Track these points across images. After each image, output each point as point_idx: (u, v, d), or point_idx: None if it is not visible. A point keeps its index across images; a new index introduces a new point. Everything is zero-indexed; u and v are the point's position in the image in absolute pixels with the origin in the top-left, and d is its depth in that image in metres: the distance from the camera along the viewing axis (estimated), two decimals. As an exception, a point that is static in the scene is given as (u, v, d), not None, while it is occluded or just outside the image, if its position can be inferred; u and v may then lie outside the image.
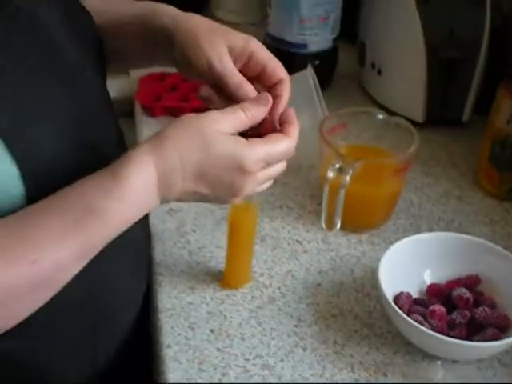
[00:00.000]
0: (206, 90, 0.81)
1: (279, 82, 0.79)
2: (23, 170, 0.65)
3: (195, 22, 0.81)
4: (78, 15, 0.82)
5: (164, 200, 0.71)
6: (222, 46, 0.78)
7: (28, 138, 0.66)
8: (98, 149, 0.76)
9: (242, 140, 0.72)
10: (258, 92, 0.79)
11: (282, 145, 0.75)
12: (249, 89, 0.77)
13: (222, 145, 0.70)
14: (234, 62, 0.79)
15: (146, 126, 1.23)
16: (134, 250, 0.86)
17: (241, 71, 0.79)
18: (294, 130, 0.78)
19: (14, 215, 0.65)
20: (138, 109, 1.27)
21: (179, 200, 0.73)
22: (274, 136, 0.75)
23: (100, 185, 0.67)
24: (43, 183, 0.67)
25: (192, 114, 0.72)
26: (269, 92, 0.78)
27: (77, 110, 0.74)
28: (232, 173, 0.71)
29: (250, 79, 0.79)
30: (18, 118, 0.65)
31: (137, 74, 1.31)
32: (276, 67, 0.80)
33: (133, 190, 0.67)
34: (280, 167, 0.77)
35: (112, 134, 0.83)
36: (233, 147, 0.71)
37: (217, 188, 0.72)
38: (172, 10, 0.84)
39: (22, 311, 0.66)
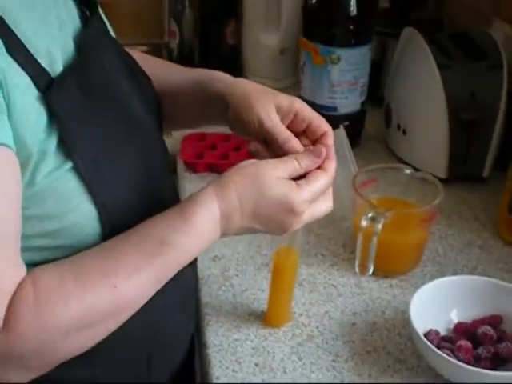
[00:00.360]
0: (255, 145, 0.90)
1: (324, 135, 0.89)
2: (101, 211, 0.75)
3: (246, 86, 0.92)
4: (139, 73, 0.93)
5: (224, 234, 0.81)
6: (270, 105, 0.88)
7: (106, 182, 0.76)
8: (160, 194, 0.86)
9: (293, 184, 0.82)
10: (304, 146, 0.88)
11: (322, 181, 0.84)
12: (296, 143, 0.87)
13: (275, 188, 0.80)
14: (282, 120, 0.88)
15: (188, 181, 1.33)
16: (185, 289, 0.94)
17: (288, 128, 0.88)
18: (332, 164, 0.87)
19: (92, 248, 0.74)
20: (180, 166, 1.37)
21: (236, 234, 0.83)
22: (315, 174, 0.84)
23: (171, 222, 0.77)
24: (117, 224, 0.77)
25: (251, 161, 0.82)
26: (314, 144, 0.88)
27: (144, 159, 0.83)
28: (283, 213, 0.81)
29: (297, 135, 0.88)
30: (99, 163, 0.75)
31: (179, 134, 1.42)
32: (320, 122, 0.89)
33: (199, 227, 0.77)
34: (325, 207, 0.86)
35: (169, 183, 0.93)
36: (285, 190, 0.80)
37: (269, 225, 0.82)
38: (224, 76, 0.96)
39: (102, 333, 0.75)
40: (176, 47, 1.71)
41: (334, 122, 0.95)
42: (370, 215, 1.01)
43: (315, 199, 0.84)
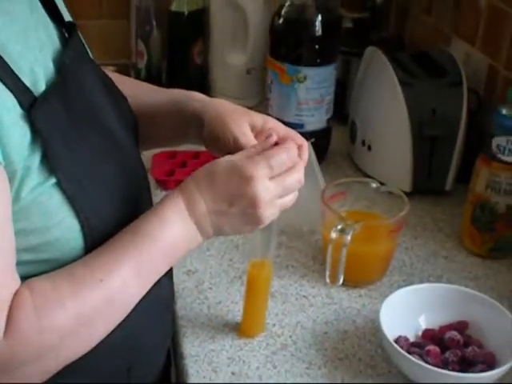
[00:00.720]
0: None
1: (299, 147, 0.91)
2: (84, 225, 0.77)
3: (221, 105, 0.96)
4: (116, 92, 0.96)
5: (200, 227, 0.84)
6: (244, 123, 0.92)
7: (89, 197, 0.78)
8: (140, 209, 0.88)
9: (243, 154, 0.86)
10: None
11: (280, 150, 0.86)
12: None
13: (224, 161, 0.84)
14: (256, 137, 0.92)
15: (160, 198, 1.34)
16: (163, 301, 0.96)
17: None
18: (292, 143, 0.89)
19: (79, 260, 0.77)
20: (151, 183, 1.39)
21: (219, 229, 0.85)
22: (272, 148, 0.87)
23: (144, 217, 0.82)
24: (99, 238, 0.79)
25: None
26: None
27: (123, 175, 0.86)
28: (238, 181, 0.82)
29: None
30: (81, 179, 0.78)
31: (149, 152, 1.44)
32: (295, 137, 0.93)
33: (168, 216, 0.82)
34: (291, 196, 0.88)
35: (147, 197, 0.96)
36: (233, 159, 0.84)
37: (234, 201, 0.83)
38: (201, 96, 1.00)
39: (97, 334, 0.78)
40: (144, 68, 1.74)
41: (301, 139, 0.99)
42: (339, 227, 1.05)
43: (274, 168, 0.84)
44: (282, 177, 0.85)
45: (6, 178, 0.71)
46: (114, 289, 0.78)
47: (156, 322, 0.94)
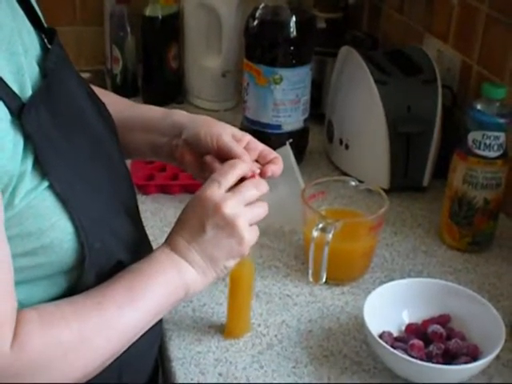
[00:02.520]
0: (211, 157, 0.95)
1: (273, 159, 0.97)
2: (77, 226, 0.78)
3: (207, 117, 1.00)
4: (96, 97, 0.96)
5: (187, 258, 0.88)
6: (227, 130, 0.96)
7: (80, 199, 0.79)
8: (129, 212, 0.91)
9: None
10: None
11: (230, 171, 0.90)
12: (248, 157, 0.93)
13: (186, 206, 0.90)
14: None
15: (141, 202, 1.32)
16: None
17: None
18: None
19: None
20: (131, 188, 1.40)
21: (210, 257, 0.89)
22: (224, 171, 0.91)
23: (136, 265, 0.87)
24: (92, 239, 0.80)
25: None
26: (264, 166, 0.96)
27: (110, 178, 0.88)
28: (199, 205, 0.88)
29: None
30: (73, 181, 0.79)
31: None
32: (270, 151, 0.97)
33: (157, 256, 0.89)
34: (252, 193, 0.91)
35: (135, 200, 0.98)
36: (195, 194, 0.90)
37: (204, 223, 0.87)
38: (184, 112, 1.03)
39: (99, 354, 0.80)
40: (119, 73, 1.74)
41: (278, 139, 1.01)
42: (320, 226, 1.06)
43: (225, 178, 0.89)
44: (236, 187, 0.90)
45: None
46: (111, 311, 0.81)
47: None
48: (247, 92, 1.43)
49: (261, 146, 0.97)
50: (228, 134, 0.95)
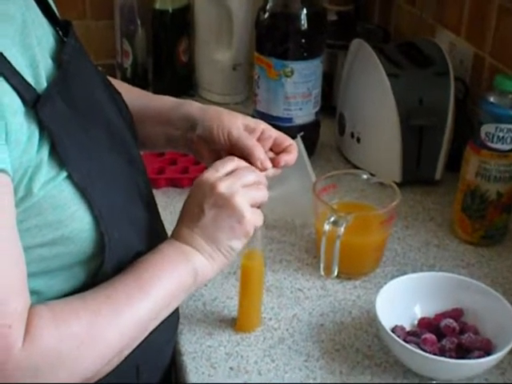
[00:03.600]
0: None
1: (288, 146, 0.97)
2: (96, 216, 0.78)
3: (218, 108, 1.00)
4: (112, 88, 0.96)
5: (191, 243, 0.88)
6: (238, 122, 0.96)
7: (99, 189, 0.79)
8: (146, 202, 0.92)
9: None
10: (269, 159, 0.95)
11: (227, 160, 0.91)
12: (260, 151, 0.93)
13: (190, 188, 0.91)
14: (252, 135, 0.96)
15: (151, 196, 1.35)
16: None
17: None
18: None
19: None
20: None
21: (213, 239, 0.88)
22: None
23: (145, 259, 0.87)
24: (110, 228, 0.80)
25: None
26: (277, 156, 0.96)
27: (128, 168, 0.88)
28: (196, 191, 0.89)
29: None
30: (91, 171, 0.79)
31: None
32: (286, 138, 0.97)
33: (160, 247, 0.88)
34: (249, 177, 0.90)
35: (151, 192, 0.98)
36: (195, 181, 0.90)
37: (203, 206, 0.87)
38: (196, 103, 1.03)
39: (111, 347, 0.80)
40: (129, 67, 1.74)
41: (289, 133, 1.01)
42: (332, 219, 1.05)
43: (219, 170, 0.89)
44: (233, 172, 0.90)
45: (11, 188, 0.71)
46: (121, 302, 0.80)
47: (163, 323, 0.94)
48: (258, 85, 1.42)
49: (275, 134, 0.97)
50: (239, 128, 0.95)
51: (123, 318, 0.80)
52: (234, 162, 0.91)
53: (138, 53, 1.72)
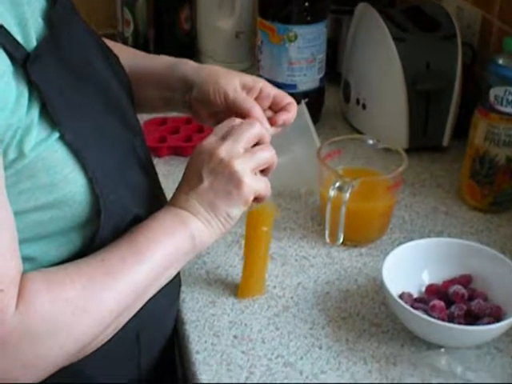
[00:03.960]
0: None
1: (287, 104, 0.94)
2: (90, 179, 0.76)
3: (213, 68, 0.97)
4: (108, 50, 0.94)
5: (187, 208, 0.85)
6: (236, 82, 0.93)
7: (93, 151, 0.77)
8: (143, 165, 0.89)
9: None
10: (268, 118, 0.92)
11: (227, 122, 0.88)
12: (258, 111, 0.90)
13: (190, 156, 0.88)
14: (247, 94, 0.93)
15: (153, 165, 1.33)
16: None
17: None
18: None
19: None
20: (143, 151, 1.37)
21: (212, 205, 0.85)
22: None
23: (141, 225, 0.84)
24: (105, 191, 0.78)
25: None
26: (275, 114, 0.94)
27: (124, 132, 0.86)
28: (195, 157, 0.86)
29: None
30: (84, 133, 0.76)
31: (140, 119, 1.41)
32: (284, 95, 0.94)
33: (157, 214, 0.85)
34: (249, 134, 0.86)
35: (149, 154, 0.95)
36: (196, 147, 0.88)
37: (202, 172, 0.84)
38: (191, 62, 1.00)
39: (105, 312, 0.77)
40: (130, 36, 1.71)
41: (293, 99, 0.98)
42: (337, 185, 1.03)
43: (219, 133, 0.87)
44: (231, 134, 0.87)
45: (1, 156, 0.69)
46: (116, 265, 0.78)
47: (164, 288, 0.92)
48: (261, 51, 1.39)
49: (274, 92, 0.95)
50: (235, 88, 0.92)
51: (119, 282, 0.77)
52: (233, 124, 0.88)
53: (139, 21, 1.69)
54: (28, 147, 0.71)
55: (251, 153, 0.86)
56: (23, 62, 0.71)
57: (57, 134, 0.73)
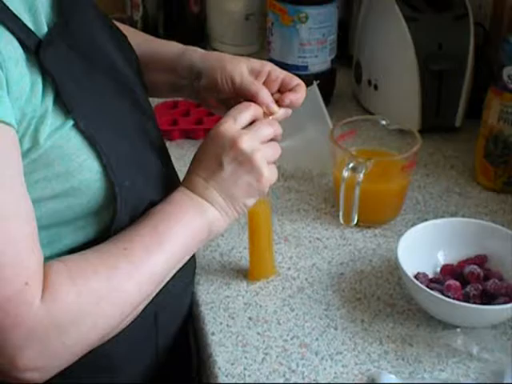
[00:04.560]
0: None
1: (296, 85, 0.93)
2: (105, 165, 0.76)
3: (220, 55, 0.97)
4: (118, 32, 0.94)
5: (206, 196, 0.85)
6: (243, 67, 0.93)
7: (107, 137, 0.77)
8: (157, 150, 0.89)
9: None
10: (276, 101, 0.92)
11: (239, 106, 0.88)
12: (266, 94, 0.90)
13: (206, 137, 0.88)
14: (256, 79, 0.92)
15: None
16: None
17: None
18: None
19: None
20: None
21: (229, 195, 0.85)
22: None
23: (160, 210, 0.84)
24: (120, 177, 0.78)
25: None
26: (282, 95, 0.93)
27: (136, 116, 0.86)
28: (212, 142, 0.86)
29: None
30: (98, 119, 0.76)
31: (151, 102, 1.41)
32: (293, 77, 0.93)
33: (175, 197, 0.85)
34: (267, 131, 0.87)
35: (162, 139, 0.95)
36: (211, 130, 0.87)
37: (221, 159, 0.84)
38: (199, 50, 1.00)
39: (129, 300, 0.78)
40: (139, 19, 1.70)
41: (305, 81, 0.97)
42: (351, 165, 1.02)
43: (238, 120, 0.86)
44: (251, 126, 0.88)
45: (17, 142, 0.69)
46: (139, 255, 0.78)
47: (180, 267, 0.92)
48: (272, 32, 1.39)
49: (283, 75, 0.94)
50: (242, 73, 0.92)
51: (141, 272, 0.78)
52: (250, 111, 0.88)
53: (148, 5, 1.68)
54: (43, 136, 0.71)
55: (269, 147, 0.87)
56: (35, 49, 0.70)
57: (71, 122, 0.73)
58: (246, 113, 0.87)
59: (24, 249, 0.69)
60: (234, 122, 0.86)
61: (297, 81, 0.94)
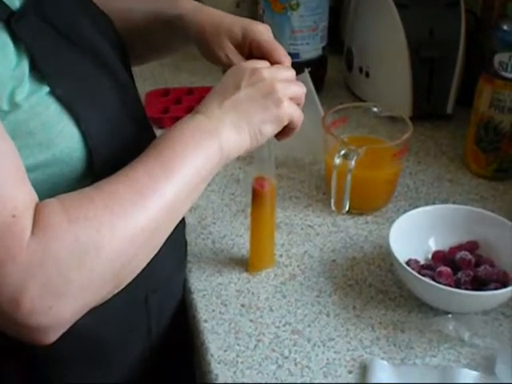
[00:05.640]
0: None
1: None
2: (85, 133, 0.75)
3: (204, 19, 0.94)
4: (99, 15, 0.93)
5: (215, 116, 0.81)
6: (225, 42, 0.91)
7: (85, 106, 0.76)
8: (138, 121, 0.88)
9: None
10: None
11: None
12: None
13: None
14: (238, 49, 0.91)
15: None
16: (174, 231, 0.93)
17: (250, 53, 0.90)
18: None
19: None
20: (146, 123, 1.37)
21: (246, 115, 0.82)
22: None
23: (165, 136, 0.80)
24: (100, 146, 0.77)
25: None
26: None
27: (117, 88, 0.85)
28: (234, 72, 0.85)
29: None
30: (75, 89, 0.76)
31: (141, 91, 1.41)
32: (278, 49, 0.90)
33: (189, 125, 0.80)
34: (288, 73, 0.87)
35: (143, 111, 0.95)
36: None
37: (239, 82, 0.82)
38: (185, 4, 0.98)
39: (141, 219, 0.72)
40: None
41: (296, 68, 0.97)
42: (342, 152, 1.02)
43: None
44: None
45: None
46: (142, 181, 0.73)
47: (169, 248, 0.88)
48: (263, 20, 1.38)
49: (266, 48, 0.89)
50: (226, 52, 0.91)
51: (146, 198, 0.72)
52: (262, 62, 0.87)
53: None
54: (20, 97, 0.70)
55: (292, 82, 0.86)
56: (7, 19, 0.71)
57: (47, 88, 0.73)
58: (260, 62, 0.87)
59: (8, 182, 0.66)
60: (256, 61, 0.86)
61: (282, 56, 0.90)
